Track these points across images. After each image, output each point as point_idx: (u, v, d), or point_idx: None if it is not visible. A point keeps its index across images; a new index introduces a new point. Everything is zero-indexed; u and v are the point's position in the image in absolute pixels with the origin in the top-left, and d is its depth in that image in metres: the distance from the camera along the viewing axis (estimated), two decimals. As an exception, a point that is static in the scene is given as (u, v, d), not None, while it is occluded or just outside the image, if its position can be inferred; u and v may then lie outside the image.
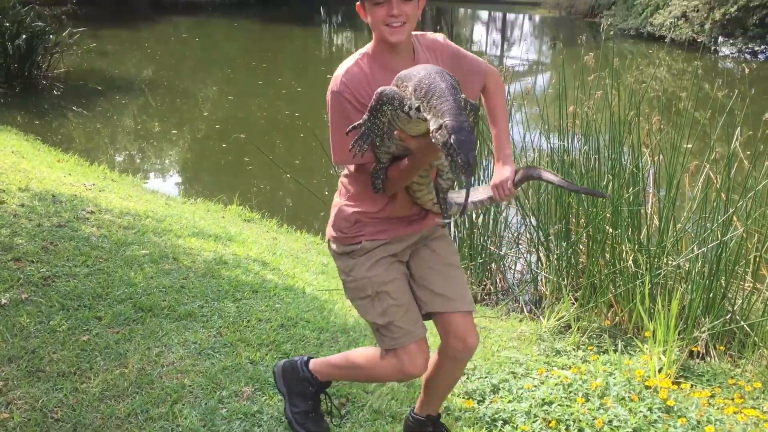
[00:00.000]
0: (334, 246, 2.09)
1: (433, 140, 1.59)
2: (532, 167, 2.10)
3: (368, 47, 1.97)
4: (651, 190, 3.94)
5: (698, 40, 13.50)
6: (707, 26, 13.58)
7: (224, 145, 8.23)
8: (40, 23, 10.16)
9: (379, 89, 1.76)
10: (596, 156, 3.96)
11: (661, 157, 3.89)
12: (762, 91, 10.59)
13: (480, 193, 2.16)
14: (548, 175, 2.06)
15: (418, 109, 1.67)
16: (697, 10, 13.85)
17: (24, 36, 9.74)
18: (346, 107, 1.90)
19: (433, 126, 1.59)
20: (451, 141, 1.52)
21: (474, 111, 1.76)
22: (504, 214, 4.46)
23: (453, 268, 2.12)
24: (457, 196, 2.18)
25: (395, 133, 1.79)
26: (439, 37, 2.11)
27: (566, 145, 4.10)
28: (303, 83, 12.25)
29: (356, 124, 1.78)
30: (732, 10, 13.02)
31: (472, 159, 1.52)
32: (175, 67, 13.67)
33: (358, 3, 1.95)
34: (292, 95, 11.31)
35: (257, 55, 15.27)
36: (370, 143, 1.78)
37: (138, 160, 8.16)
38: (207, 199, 5.95)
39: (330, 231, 2.09)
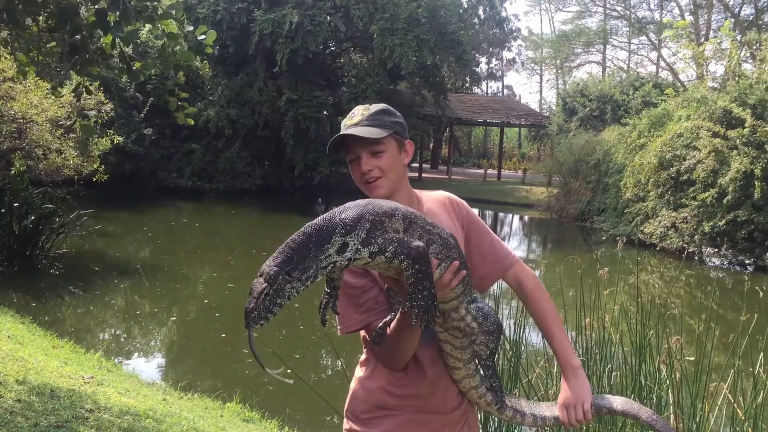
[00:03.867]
0: None
1: None
2: (630, 403, 1.84)
3: None
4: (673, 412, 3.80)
5: (689, 250, 13.89)
6: (697, 237, 14.04)
7: (223, 335, 8.09)
8: (50, 205, 10.38)
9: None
10: (617, 373, 3.87)
11: (678, 375, 3.81)
12: (756, 302, 10.69)
13: (543, 408, 1.92)
14: (648, 415, 1.78)
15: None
16: (687, 222, 14.38)
17: (32, 217, 9.91)
18: None
19: None
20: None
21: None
22: None
23: None
24: (544, 408, 1.92)
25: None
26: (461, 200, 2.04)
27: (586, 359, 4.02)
28: (302, 272, 12.30)
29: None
30: (720, 223, 13.53)
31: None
32: (175, 251, 13.82)
33: None
34: (290, 284, 11.30)
35: (257, 242, 15.51)
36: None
37: (133, 347, 7.95)
38: (204, 393, 5.72)
39: (344, 424, 1.91)
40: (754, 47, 18.51)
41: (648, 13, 36.02)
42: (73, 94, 4.70)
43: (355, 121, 1.84)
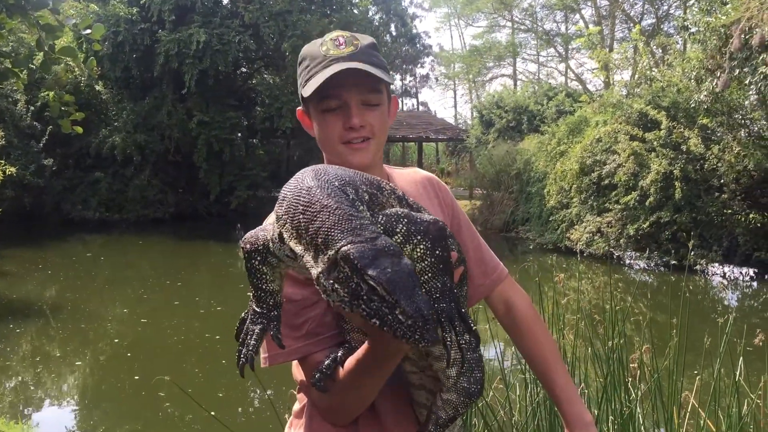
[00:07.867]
0: None
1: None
2: None
3: None
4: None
5: (615, 255, 13.93)
6: (622, 241, 14.08)
7: (136, 378, 7.24)
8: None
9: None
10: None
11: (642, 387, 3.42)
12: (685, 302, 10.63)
13: None
14: None
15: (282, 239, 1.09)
16: (611, 226, 14.42)
17: None
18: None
19: (315, 270, 0.98)
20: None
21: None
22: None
23: None
24: None
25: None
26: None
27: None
28: (221, 301, 11.52)
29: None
30: (644, 225, 13.61)
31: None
32: (81, 288, 12.72)
33: (299, 109, 1.37)
34: (210, 315, 10.50)
35: (172, 273, 14.56)
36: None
37: (31, 398, 7.00)
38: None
39: None
40: (658, 55, 19.02)
41: (554, 25, 36.94)
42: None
43: (346, 51, 1.26)
